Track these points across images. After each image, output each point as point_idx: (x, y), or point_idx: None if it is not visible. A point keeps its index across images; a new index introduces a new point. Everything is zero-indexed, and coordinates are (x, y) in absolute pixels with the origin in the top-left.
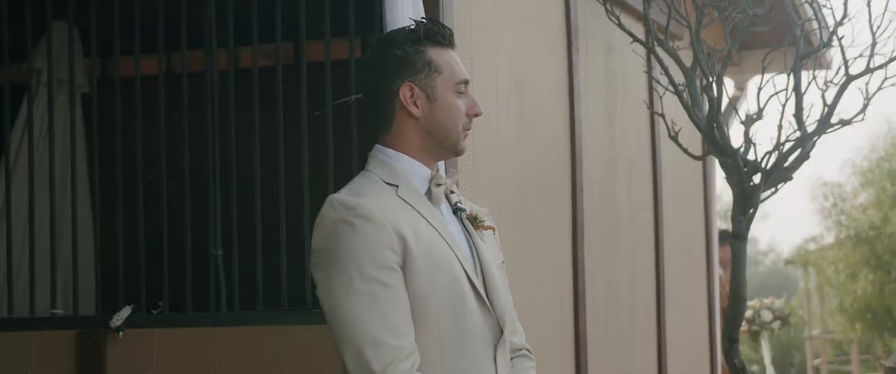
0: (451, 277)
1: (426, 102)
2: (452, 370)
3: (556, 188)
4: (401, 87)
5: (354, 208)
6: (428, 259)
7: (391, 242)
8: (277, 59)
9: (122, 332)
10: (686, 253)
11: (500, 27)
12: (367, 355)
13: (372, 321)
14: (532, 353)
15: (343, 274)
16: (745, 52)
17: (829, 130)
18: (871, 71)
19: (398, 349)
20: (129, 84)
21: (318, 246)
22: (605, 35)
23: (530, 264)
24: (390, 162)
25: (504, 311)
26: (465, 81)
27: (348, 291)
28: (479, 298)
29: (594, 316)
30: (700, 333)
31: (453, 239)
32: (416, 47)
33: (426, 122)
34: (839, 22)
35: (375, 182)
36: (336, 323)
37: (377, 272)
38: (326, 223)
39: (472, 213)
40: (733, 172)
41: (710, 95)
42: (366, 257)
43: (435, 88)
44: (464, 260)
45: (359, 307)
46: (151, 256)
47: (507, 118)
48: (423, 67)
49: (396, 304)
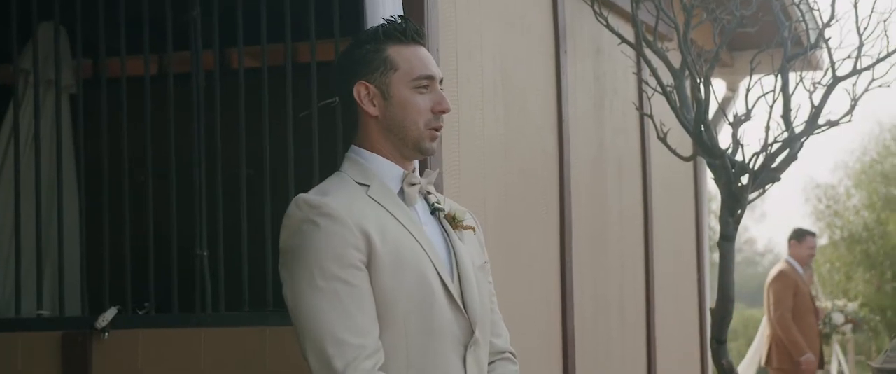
0: (419, 276)
1: (382, 100)
2: (419, 369)
3: (544, 189)
4: (355, 86)
5: (318, 207)
6: (395, 258)
7: (355, 240)
8: (263, 59)
9: (107, 333)
10: (676, 255)
11: (485, 27)
12: (329, 353)
13: (334, 320)
14: (516, 356)
15: (306, 273)
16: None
17: (817, 132)
18: (858, 72)
19: (361, 347)
20: (116, 85)
21: (283, 245)
22: (593, 36)
23: (517, 265)
24: (364, 162)
25: (477, 312)
26: (426, 77)
27: (311, 289)
28: (451, 298)
29: (582, 318)
30: (690, 335)
31: (426, 239)
32: (375, 46)
33: (384, 120)
34: (826, 23)
35: (346, 182)
36: (299, 322)
37: (340, 271)
38: (292, 223)
39: (451, 213)
40: (721, 174)
41: (698, 96)
42: (329, 255)
43: (390, 85)
44: (436, 260)
45: (321, 306)
46: (137, 257)
47: (494, 119)
48: (379, 65)
49: (360, 303)
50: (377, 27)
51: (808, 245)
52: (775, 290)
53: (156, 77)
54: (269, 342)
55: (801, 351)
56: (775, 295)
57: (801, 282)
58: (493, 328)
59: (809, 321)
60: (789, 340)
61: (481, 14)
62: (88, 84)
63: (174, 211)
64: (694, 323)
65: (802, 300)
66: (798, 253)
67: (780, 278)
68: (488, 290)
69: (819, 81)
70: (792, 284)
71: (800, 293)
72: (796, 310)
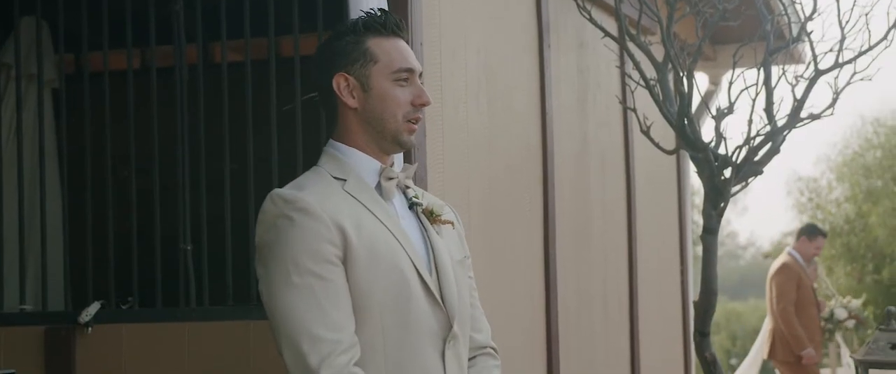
0: (395, 270)
1: (361, 92)
2: (397, 364)
3: (528, 184)
4: (335, 77)
5: (293, 202)
6: (370, 253)
7: (330, 235)
8: (246, 53)
9: (91, 328)
10: (659, 248)
11: (469, 22)
12: (304, 349)
13: (309, 316)
14: (497, 352)
15: (281, 268)
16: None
17: (799, 125)
18: (840, 66)
19: (336, 342)
20: (99, 79)
21: (259, 241)
22: (576, 30)
23: (501, 259)
24: (340, 157)
25: (455, 306)
26: (406, 69)
27: (286, 285)
28: (429, 292)
29: (566, 311)
30: (673, 328)
31: (404, 233)
32: (355, 37)
33: (364, 112)
34: (809, 17)
35: (323, 176)
36: (274, 318)
37: (315, 266)
38: (267, 218)
39: (429, 207)
40: (704, 167)
41: (681, 89)
42: (303, 250)
43: (370, 77)
44: (413, 254)
45: (296, 302)
46: (121, 251)
47: (478, 113)
48: (358, 57)
49: (335, 298)
50: (357, 19)
51: (816, 245)
52: (778, 283)
53: (138, 71)
54: (254, 336)
55: (803, 345)
56: (778, 288)
57: (804, 275)
58: (474, 324)
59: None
60: (791, 334)
61: (465, 8)
62: (71, 79)
63: (158, 205)
64: (677, 316)
65: (805, 293)
66: (805, 249)
67: (783, 270)
68: (468, 284)
69: (801, 74)
70: (795, 276)
71: (802, 286)
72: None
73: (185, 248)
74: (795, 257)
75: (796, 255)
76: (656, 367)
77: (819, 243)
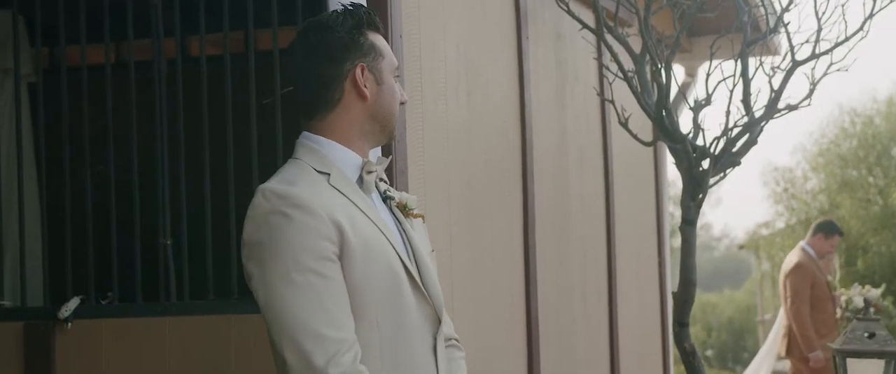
0: (387, 267)
1: (375, 86)
2: (392, 361)
3: (507, 176)
4: (353, 69)
5: (288, 198)
6: (365, 249)
7: (328, 232)
8: (225, 47)
9: (70, 323)
10: (637, 239)
11: (448, 14)
12: (309, 349)
13: (312, 314)
14: (461, 343)
15: (280, 266)
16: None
17: (777, 116)
18: (816, 56)
19: (341, 341)
20: (76, 73)
21: (250, 238)
22: (554, 21)
23: (482, 251)
24: (320, 150)
25: (440, 299)
26: (397, 67)
27: (286, 283)
28: (416, 287)
29: (545, 302)
30: (652, 318)
31: (388, 228)
32: (360, 31)
33: (373, 105)
34: (785, 8)
35: (306, 170)
36: (274, 317)
37: (315, 264)
38: (258, 214)
39: (402, 201)
40: (682, 158)
41: (659, 81)
42: (303, 248)
43: (382, 71)
44: (399, 249)
45: (298, 300)
46: (100, 246)
47: (457, 106)
48: (369, 51)
49: (336, 296)
50: (354, 13)
51: (831, 243)
52: (792, 282)
53: (116, 65)
54: (235, 330)
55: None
56: (793, 287)
57: (818, 271)
58: None
59: (828, 310)
60: (802, 334)
61: (444, 1)
62: (48, 73)
63: (137, 200)
64: (655, 307)
65: (820, 290)
66: (820, 247)
67: (797, 270)
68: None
69: (778, 65)
70: (809, 275)
71: (817, 284)
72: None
73: (165, 242)
74: (809, 253)
75: (810, 251)
76: (635, 358)
77: (834, 242)
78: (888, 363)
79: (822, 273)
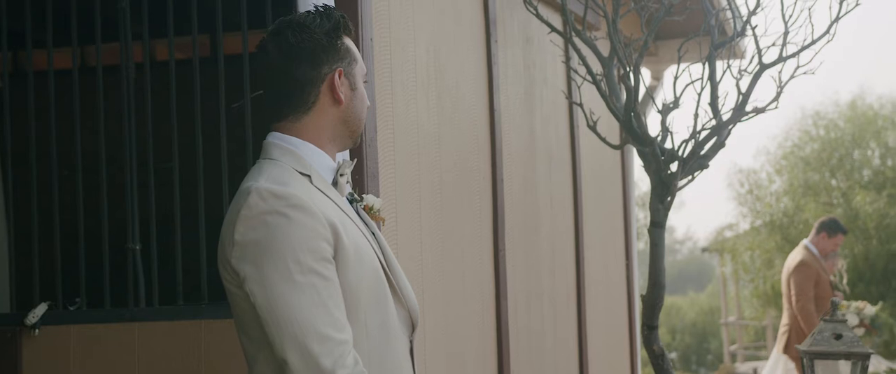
0: (374, 270)
1: (349, 91)
2: (379, 363)
3: (477, 179)
4: (331, 73)
5: (286, 198)
6: (356, 252)
7: (326, 233)
8: (194, 51)
9: (37, 329)
10: (605, 241)
11: (418, 18)
12: (315, 350)
13: (317, 315)
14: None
15: (280, 267)
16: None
17: (744, 119)
18: (783, 60)
19: (344, 343)
20: (43, 77)
21: (244, 238)
22: (522, 25)
23: (452, 253)
24: (296, 151)
25: (414, 302)
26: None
27: (288, 284)
28: (394, 290)
29: (515, 304)
30: (619, 320)
31: (365, 231)
32: (336, 34)
33: (347, 110)
34: (752, 11)
35: (289, 171)
36: (275, 318)
37: (316, 264)
38: (254, 214)
39: (368, 204)
40: (651, 161)
41: (627, 84)
42: (304, 248)
43: (355, 76)
44: (379, 252)
45: (301, 301)
46: (68, 251)
47: (427, 109)
48: (345, 55)
49: (336, 297)
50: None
51: (835, 242)
52: (797, 280)
53: (84, 69)
54: (205, 335)
55: None
56: (797, 286)
57: (822, 270)
58: None
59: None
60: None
61: (413, 3)
62: (14, 77)
63: (105, 204)
64: (623, 309)
65: (823, 289)
66: (824, 245)
67: (801, 267)
68: None
69: (746, 68)
70: (813, 273)
71: (821, 282)
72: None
73: (133, 247)
74: (812, 252)
75: (813, 249)
76: (603, 359)
77: (838, 240)
78: (855, 364)
79: (826, 272)
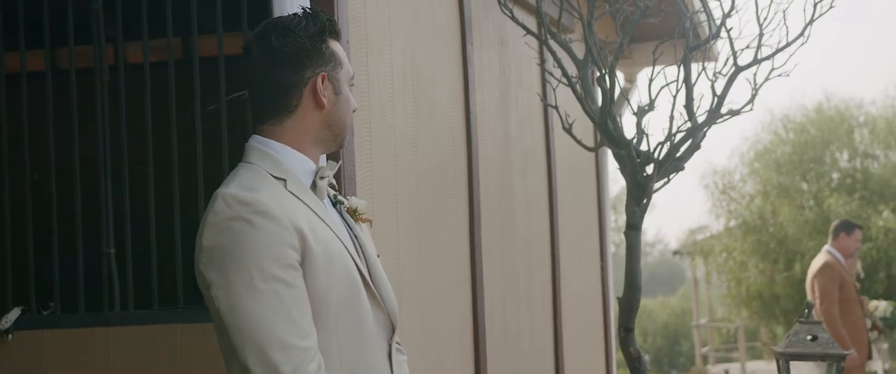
0: (346, 273)
1: (332, 95)
2: (351, 367)
3: (453, 181)
4: (314, 77)
5: (251, 205)
6: (325, 256)
7: (292, 239)
8: (169, 53)
9: (11, 334)
10: (580, 243)
11: (394, 21)
12: (275, 358)
13: (278, 323)
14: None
15: (243, 274)
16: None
17: (719, 121)
18: (758, 62)
19: (306, 350)
20: (15, 80)
21: (210, 244)
22: (497, 28)
23: (429, 255)
24: (275, 154)
25: (394, 305)
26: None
27: (250, 291)
28: (371, 294)
29: (492, 307)
30: (595, 322)
31: (344, 234)
32: (321, 38)
33: (330, 114)
34: (727, 14)
35: (263, 175)
36: (237, 325)
37: (280, 271)
38: (220, 220)
39: (352, 206)
40: (626, 163)
41: (602, 86)
42: (267, 255)
43: (340, 81)
44: (354, 255)
45: (263, 308)
46: (41, 255)
47: (404, 112)
48: (329, 59)
49: (300, 304)
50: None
51: (855, 238)
52: (820, 283)
53: (57, 72)
54: (181, 340)
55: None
56: (821, 289)
57: (846, 273)
58: None
59: (856, 313)
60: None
61: (389, 5)
62: None
63: (79, 208)
64: (598, 310)
65: (848, 292)
66: (845, 246)
67: (824, 271)
68: None
69: (720, 70)
70: (837, 276)
71: (845, 285)
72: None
73: (108, 251)
74: (835, 255)
75: (836, 253)
76: (579, 360)
77: (857, 236)
78: (830, 365)
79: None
